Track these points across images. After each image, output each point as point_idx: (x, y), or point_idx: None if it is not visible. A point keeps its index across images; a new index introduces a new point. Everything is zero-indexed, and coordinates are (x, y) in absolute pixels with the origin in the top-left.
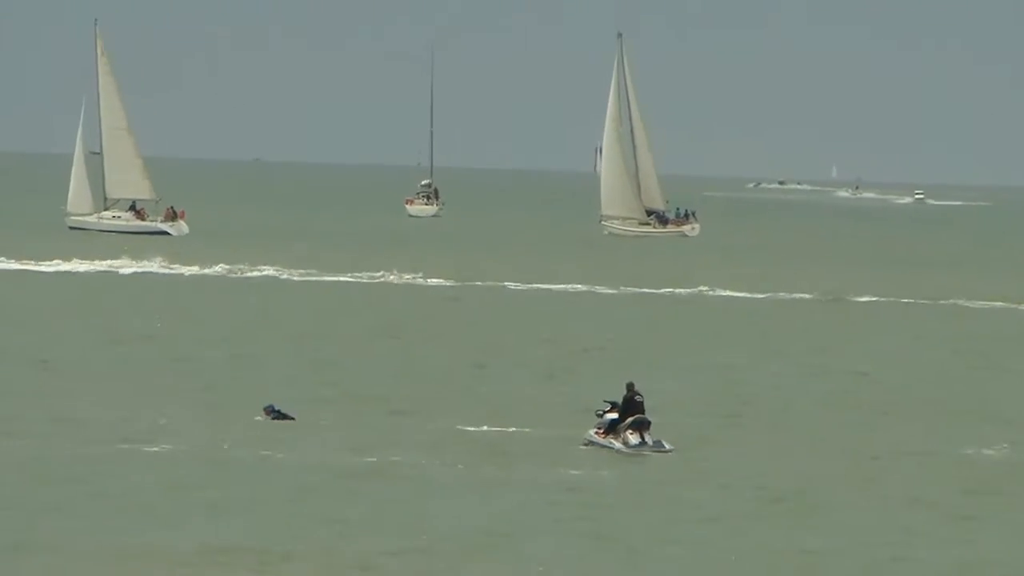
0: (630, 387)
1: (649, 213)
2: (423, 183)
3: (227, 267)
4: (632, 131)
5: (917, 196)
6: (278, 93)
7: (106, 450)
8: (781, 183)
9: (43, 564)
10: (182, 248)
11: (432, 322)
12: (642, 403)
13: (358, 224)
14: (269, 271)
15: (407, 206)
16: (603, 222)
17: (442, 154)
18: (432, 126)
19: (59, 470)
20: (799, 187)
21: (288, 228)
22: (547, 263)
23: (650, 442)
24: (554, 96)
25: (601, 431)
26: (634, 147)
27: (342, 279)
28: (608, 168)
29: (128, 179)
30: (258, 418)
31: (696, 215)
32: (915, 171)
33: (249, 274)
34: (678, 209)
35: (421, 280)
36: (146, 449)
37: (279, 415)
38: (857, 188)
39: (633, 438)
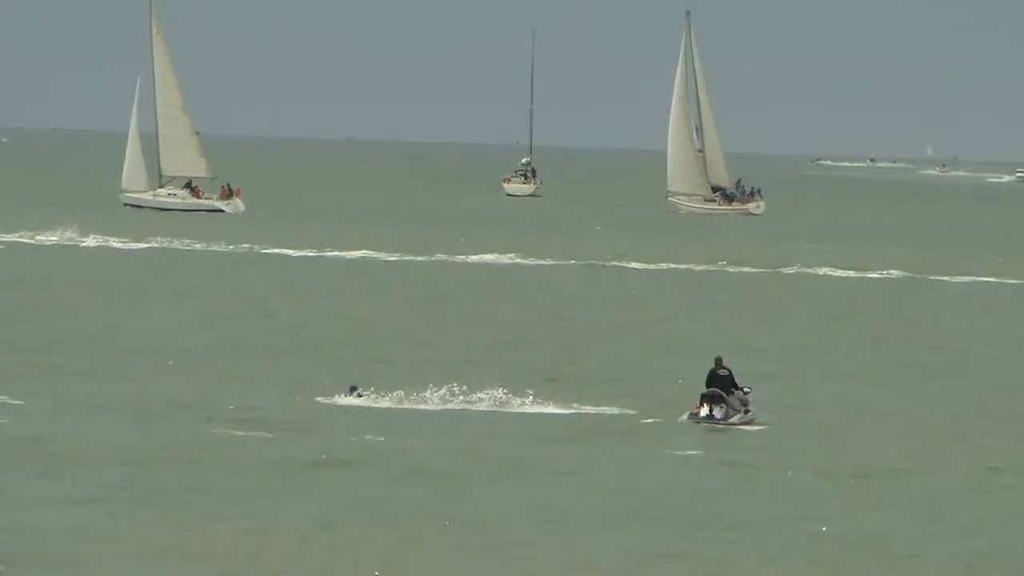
0: (717, 361)
1: (715, 190)
2: (522, 162)
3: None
4: (699, 109)
5: (1019, 174)
6: (372, 70)
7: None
8: (872, 161)
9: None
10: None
11: (515, 300)
12: (726, 377)
13: (456, 203)
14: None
15: (504, 185)
16: (669, 198)
17: (541, 133)
18: (532, 104)
19: (178, 452)
20: (894, 165)
21: (382, 207)
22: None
23: (718, 416)
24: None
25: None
26: (700, 125)
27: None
28: (674, 145)
29: (183, 157)
30: (343, 398)
31: (761, 193)
32: (1020, 150)
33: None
34: (742, 187)
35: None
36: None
37: (359, 395)
38: (945, 166)
39: (702, 411)
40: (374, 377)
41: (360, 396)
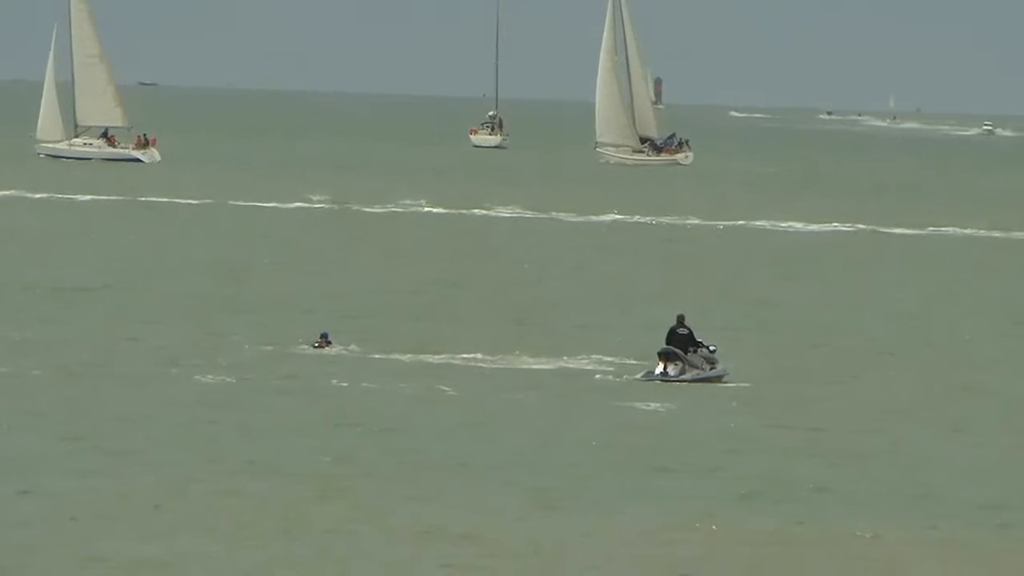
0: (679, 319)
1: (643, 141)
2: (489, 114)
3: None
4: (627, 61)
5: (986, 127)
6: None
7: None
8: (829, 114)
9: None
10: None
11: (473, 255)
12: (684, 335)
13: (418, 155)
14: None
15: (471, 136)
16: (598, 149)
17: (510, 86)
18: (497, 58)
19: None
20: (859, 118)
21: (348, 159)
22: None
23: (672, 373)
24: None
25: None
26: (629, 77)
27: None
28: (603, 97)
29: (100, 106)
30: (308, 345)
31: (689, 143)
32: (988, 103)
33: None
34: (671, 138)
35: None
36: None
37: (328, 343)
38: (895, 118)
39: (658, 368)
40: (335, 329)
41: (329, 344)
